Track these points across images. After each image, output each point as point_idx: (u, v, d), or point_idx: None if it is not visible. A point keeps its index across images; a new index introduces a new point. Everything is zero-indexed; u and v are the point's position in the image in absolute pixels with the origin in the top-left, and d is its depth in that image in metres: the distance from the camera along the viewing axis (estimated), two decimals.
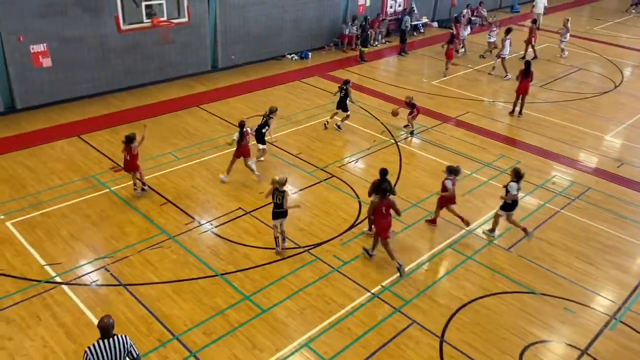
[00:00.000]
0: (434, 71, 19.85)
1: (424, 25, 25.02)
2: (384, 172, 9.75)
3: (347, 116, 14.36)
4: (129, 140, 10.47)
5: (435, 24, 25.98)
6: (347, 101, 14.13)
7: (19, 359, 7.13)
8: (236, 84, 17.45)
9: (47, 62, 14.41)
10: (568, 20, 21.72)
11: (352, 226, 10.45)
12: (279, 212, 9.19)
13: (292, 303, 8.40)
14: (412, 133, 14.38)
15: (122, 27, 13.03)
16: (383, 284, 8.94)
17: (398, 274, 9.10)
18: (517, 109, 15.99)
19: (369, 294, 8.69)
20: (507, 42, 18.84)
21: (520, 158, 13.37)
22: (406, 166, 12.81)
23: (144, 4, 13.22)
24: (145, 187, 11.10)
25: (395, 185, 11.80)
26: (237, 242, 9.76)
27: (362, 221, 10.62)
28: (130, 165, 10.68)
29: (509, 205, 9.95)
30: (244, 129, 11.27)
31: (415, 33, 24.45)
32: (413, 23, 24.16)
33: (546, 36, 24.21)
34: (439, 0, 26.21)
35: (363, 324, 8.08)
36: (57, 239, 9.56)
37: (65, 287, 8.43)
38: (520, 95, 15.80)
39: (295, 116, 15.29)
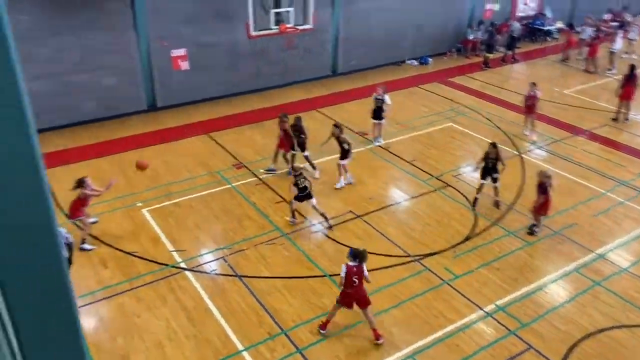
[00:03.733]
0: (567, 79, 18.41)
1: (559, 30, 23.33)
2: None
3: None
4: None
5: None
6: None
7: (146, 336, 7.83)
8: (354, 89, 17.63)
9: (185, 65, 15.73)
10: None
11: (467, 239, 10.04)
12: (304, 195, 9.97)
13: (398, 312, 8.27)
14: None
15: (252, 33, 13.81)
16: (497, 303, 8.46)
17: (514, 295, 8.55)
18: (622, 115, 14.99)
19: (481, 312, 8.27)
20: (619, 37, 18.19)
21: None
22: (530, 180, 12.00)
23: (272, 11, 13.88)
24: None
25: (516, 201, 11.15)
26: (346, 245, 9.84)
27: (478, 234, 10.15)
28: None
29: None
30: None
31: (548, 38, 22.89)
32: (546, 28, 22.67)
33: None
34: (576, 4, 24.31)
35: (473, 342, 7.71)
36: (184, 227, 10.37)
37: (188, 273, 9.12)
38: (625, 102, 14.81)
39: (411, 122, 15.07)
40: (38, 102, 13.74)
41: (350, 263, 7.44)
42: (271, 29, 14.13)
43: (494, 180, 10.79)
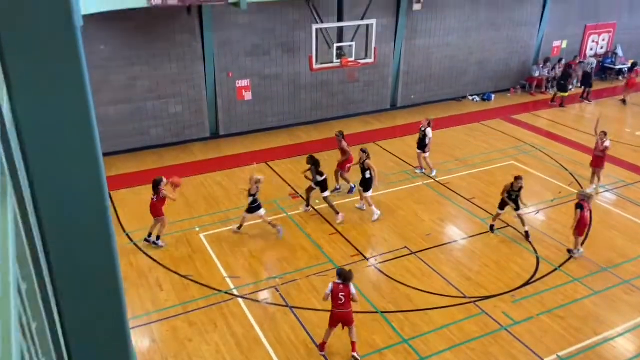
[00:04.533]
0: (639, 120, 17.52)
1: (630, 69, 22.35)
2: None
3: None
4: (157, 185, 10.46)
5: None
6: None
7: None
8: (413, 123, 17.51)
9: (248, 95, 16.26)
10: None
11: (527, 283, 9.57)
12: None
13: (452, 356, 7.93)
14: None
15: (315, 66, 14.10)
16: (560, 354, 7.95)
17: (578, 346, 8.01)
18: None
19: None
20: None
21: None
22: (597, 224, 11.38)
23: (335, 45, 14.16)
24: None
25: (583, 243, 10.58)
26: (399, 282, 9.63)
27: (539, 278, 9.66)
28: None
29: None
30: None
31: (620, 77, 21.98)
32: (617, 67, 21.82)
33: None
34: None
35: None
36: (238, 254, 10.51)
37: (240, 300, 9.19)
38: None
39: (472, 159, 14.74)
40: (111, 126, 14.61)
41: (337, 281, 7.66)
42: (333, 63, 14.38)
43: (517, 209, 10.81)
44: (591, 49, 21.98)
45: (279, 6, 15.39)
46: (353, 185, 12.66)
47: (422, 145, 13.57)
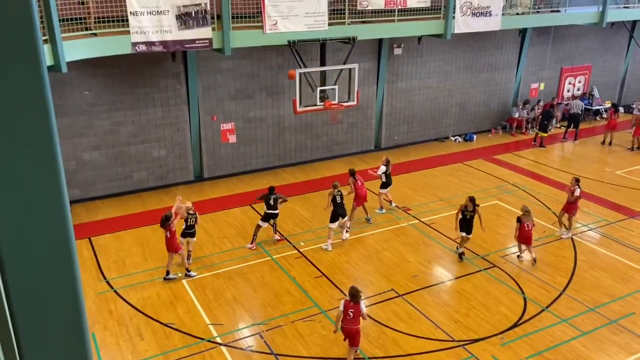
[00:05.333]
0: (618, 160, 17.89)
1: (607, 110, 22.99)
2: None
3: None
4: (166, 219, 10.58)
5: (620, 109, 23.66)
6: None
7: None
8: (397, 164, 17.66)
9: (232, 138, 16.31)
10: None
11: (515, 325, 9.45)
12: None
13: None
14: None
15: (298, 109, 14.27)
16: None
17: None
18: None
19: None
20: None
21: None
22: (582, 264, 11.41)
23: (318, 89, 14.38)
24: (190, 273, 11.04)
25: (568, 284, 10.56)
26: (386, 326, 9.45)
27: (527, 320, 9.56)
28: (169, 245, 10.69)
29: None
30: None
31: (597, 118, 22.57)
32: (594, 107, 22.44)
33: None
34: (625, 84, 24.11)
35: None
36: (222, 300, 10.27)
37: (223, 348, 8.91)
38: None
39: (455, 199, 14.80)
40: (94, 171, 14.49)
41: (348, 299, 8.26)
42: (317, 105, 14.58)
43: (469, 232, 11.46)
44: (568, 91, 22.62)
45: (263, 51, 15.68)
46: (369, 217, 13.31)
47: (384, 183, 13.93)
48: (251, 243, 12.05)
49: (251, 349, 8.91)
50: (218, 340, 9.11)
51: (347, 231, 12.36)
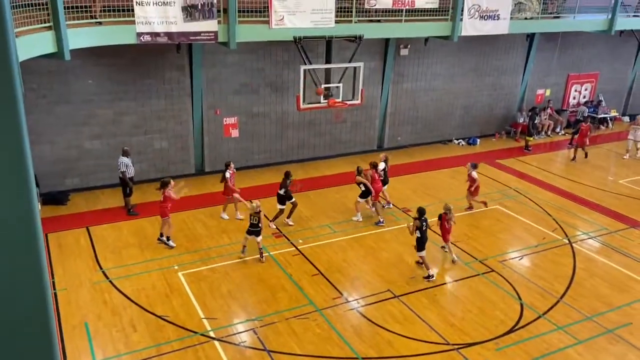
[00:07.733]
0: (622, 168, 17.78)
1: (612, 119, 22.88)
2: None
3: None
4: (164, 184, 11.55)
5: (626, 118, 23.57)
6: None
7: None
8: (399, 165, 17.59)
9: (235, 133, 16.27)
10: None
11: (511, 330, 9.38)
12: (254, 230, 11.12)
13: None
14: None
15: (302, 106, 14.21)
16: None
17: None
18: None
19: None
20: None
21: None
22: (581, 272, 11.33)
23: (323, 86, 14.31)
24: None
25: (566, 291, 10.50)
26: (381, 326, 9.40)
27: (524, 326, 9.49)
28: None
29: None
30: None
31: (602, 126, 22.44)
32: (600, 116, 22.31)
33: None
34: (632, 93, 23.97)
35: None
36: (217, 294, 10.23)
37: (217, 342, 8.87)
38: None
39: (456, 202, 14.72)
40: (95, 160, 14.46)
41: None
42: (320, 103, 14.51)
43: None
44: (574, 98, 22.49)
45: (268, 46, 15.62)
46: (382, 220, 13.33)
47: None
48: (272, 221, 12.79)
49: (244, 344, 8.86)
50: (211, 334, 9.07)
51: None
